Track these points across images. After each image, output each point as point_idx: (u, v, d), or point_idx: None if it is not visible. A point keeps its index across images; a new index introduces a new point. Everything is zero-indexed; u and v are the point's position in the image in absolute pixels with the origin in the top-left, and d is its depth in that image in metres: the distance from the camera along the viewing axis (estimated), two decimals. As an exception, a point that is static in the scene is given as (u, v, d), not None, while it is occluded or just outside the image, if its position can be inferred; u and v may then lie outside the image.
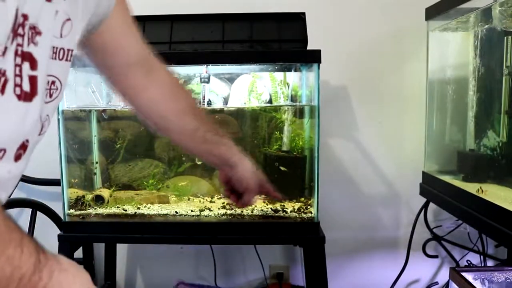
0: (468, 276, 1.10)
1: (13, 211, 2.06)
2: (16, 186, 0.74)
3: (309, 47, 1.60)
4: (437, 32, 1.84)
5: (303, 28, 1.62)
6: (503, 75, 1.53)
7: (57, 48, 0.65)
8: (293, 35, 1.63)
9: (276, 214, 1.59)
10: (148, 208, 1.67)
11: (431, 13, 1.81)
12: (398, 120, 2.09)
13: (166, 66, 1.01)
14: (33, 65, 0.59)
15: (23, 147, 0.62)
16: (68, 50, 0.68)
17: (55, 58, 0.65)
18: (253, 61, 1.60)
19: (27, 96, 0.58)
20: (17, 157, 0.62)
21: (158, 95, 0.98)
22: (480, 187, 1.49)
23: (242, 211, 1.61)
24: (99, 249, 2.14)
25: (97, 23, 0.81)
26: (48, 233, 1.73)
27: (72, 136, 1.73)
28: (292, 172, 1.69)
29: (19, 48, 0.56)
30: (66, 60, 0.68)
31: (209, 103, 1.80)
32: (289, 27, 1.65)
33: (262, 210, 1.61)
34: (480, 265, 1.99)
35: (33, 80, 0.59)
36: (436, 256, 2.01)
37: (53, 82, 0.67)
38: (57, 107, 0.74)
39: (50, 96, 0.67)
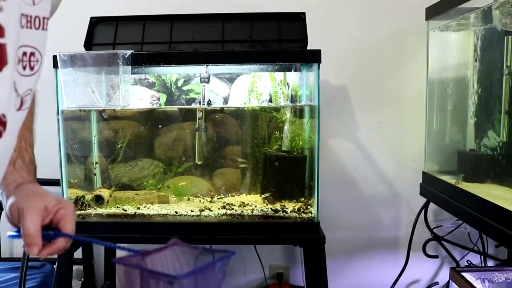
0: (469, 276, 1.10)
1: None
2: (6, 166, 0.71)
3: (309, 47, 1.60)
4: (437, 32, 1.84)
5: (303, 28, 1.62)
6: (503, 75, 1.53)
7: (30, 16, 0.61)
8: (293, 35, 1.63)
9: (276, 214, 1.59)
10: (148, 208, 1.67)
11: (431, 13, 1.81)
12: (398, 120, 2.09)
13: None
14: (0, 32, 0.55)
15: (1, 123, 0.60)
16: (44, 18, 0.64)
17: (31, 27, 0.62)
18: (253, 61, 1.60)
19: None
20: None
21: None
22: (457, 180, 1.63)
23: (242, 211, 1.60)
24: (99, 249, 2.14)
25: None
26: (48, 233, 1.73)
27: (72, 136, 1.73)
28: (292, 172, 1.69)
29: None
30: (43, 29, 0.64)
31: (209, 103, 1.80)
32: (289, 27, 1.65)
33: (262, 210, 1.61)
34: (480, 265, 1.99)
35: (1, 48, 0.56)
36: (436, 256, 2.01)
37: (32, 54, 0.63)
38: (37, 80, 0.68)
39: (31, 68, 0.63)
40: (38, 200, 0.79)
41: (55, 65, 1.53)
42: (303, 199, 1.67)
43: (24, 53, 0.61)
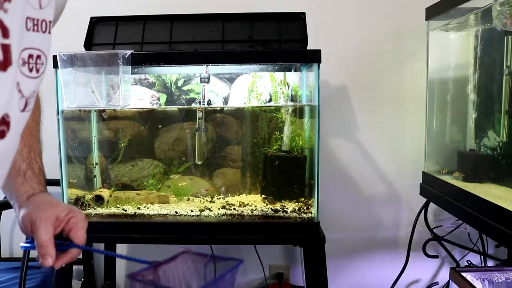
0: (468, 276, 1.10)
1: (11, 212, 2.05)
2: (9, 167, 0.72)
3: (309, 47, 1.59)
4: (437, 32, 1.84)
5: (303, 28, 1.62)
6: (503, 75, 1.53)
7: (37, 20, 0.62)
8: (293, 35, 1.63)
9: (276, 214, 1.59)
10: (148, 208, 1.67)
11: (431, 13, 1.81)
12: (398, 120, 2.09)
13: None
14: (5, 32, 0.56)
15: (4, 122, 0.60)
16: (49, 21, 0.66)
17: (38, 31, 0.63)
18: (253, 61, 1.59)
19: (0, 65, 0.56)
20: (1, 134, 0.60)
21: None
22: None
23: (242, 211, 1.60)
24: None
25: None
26: (48, 233, 1.73)
27: (72, 136, 1.73)
28: (292, 172, 1.69)
29: None
30: (49, 32, 0.66)
31: (209, 103, 1.80)
32: (289, 27, 1.65)
33: (262, 210, 1.61)
34: (480, 265, 1.99)
35: (6, 48, 0.57)
36: (436, 256, 2.01)
37: (38, 56, 0.64)
38: (40, 83, 0.70)
39: (37, 71, 0.64)
40: (50, 210, 0.81)
41: (55, 65, 1.53)
42: (303, 199, 1.67)
43: (31, 55, 0.62)
